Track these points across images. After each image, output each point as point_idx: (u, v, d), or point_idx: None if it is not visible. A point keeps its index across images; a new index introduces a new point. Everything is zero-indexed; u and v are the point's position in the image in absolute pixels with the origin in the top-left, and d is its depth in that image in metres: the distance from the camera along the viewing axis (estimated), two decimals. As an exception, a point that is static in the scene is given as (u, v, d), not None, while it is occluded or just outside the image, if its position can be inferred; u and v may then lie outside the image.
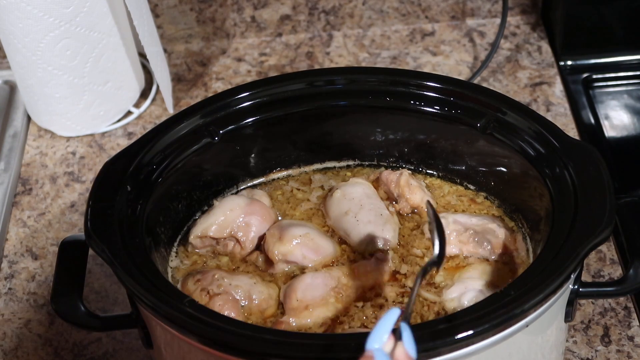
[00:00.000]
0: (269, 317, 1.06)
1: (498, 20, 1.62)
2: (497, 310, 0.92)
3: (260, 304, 1.06)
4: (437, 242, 0.96)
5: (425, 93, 1.16)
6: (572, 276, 0.98)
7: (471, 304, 0.99)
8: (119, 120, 1.51)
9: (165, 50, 1.60)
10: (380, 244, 1.11)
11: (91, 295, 1.26)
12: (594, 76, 1.53)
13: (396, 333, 0.84)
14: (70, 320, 1.03)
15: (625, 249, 1.25)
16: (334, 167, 1.23)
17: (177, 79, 1.57)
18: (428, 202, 1.02)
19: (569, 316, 1.02)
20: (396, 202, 1.16)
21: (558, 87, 1.51)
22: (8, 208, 1.39)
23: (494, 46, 1.53)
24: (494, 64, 1.55)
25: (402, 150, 1.20)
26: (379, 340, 0.82)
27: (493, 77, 1.53)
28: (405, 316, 0.87)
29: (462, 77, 1.53)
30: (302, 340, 0.94)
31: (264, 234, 1.12)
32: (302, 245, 1.10)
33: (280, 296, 1.07)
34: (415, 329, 0.93)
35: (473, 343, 0.91)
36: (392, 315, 0.84)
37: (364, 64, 1.57)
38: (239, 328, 0.93)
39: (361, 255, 1.11)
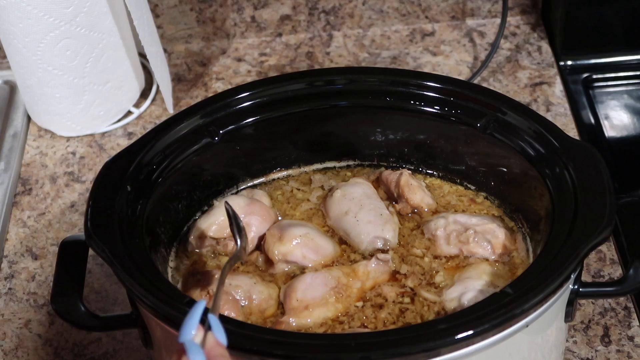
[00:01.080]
0: (269, 317, 1.06)
1: (498, 20, 1.62)
2: (497, 310, 0.92)
3: (260, 304, 1.06)
4: (237, 238, 1.02)
5: (425, 93, 1.16)
6: (572, 276, 0.98)
7: (471, 304, 0.99)
8: (119, 120, 1.51)
9: (165, 50, 1.59)
10: (380, 244, 1.11)
11: (91, 295, 1.26)
12: (594, 76, 1.53)
13: (205, 324, 0.87)
14: (70, 320, 1.03)
15: (625, 249, 1.25)
16: (334, 167, 1.23)
17: (177, 79, 1.57)
18: (226, 202, 1.07)
19: (569, 316, 1.02)
20: (396, 202, 1.16)
21: (558, 87, 1.51)
22: (8, 208, 1.39)
23: (494, 46, 1.53)
24: (494, 64, 1.55)
25: (402, 150, 1.20)
26: (189, 333, 0.85)
27: (493, 77, 1.53)
28: (213, 307, 0.90)
29: (462, 77, 1.53)
30: (302, 340, 0.94)
31: (264, 234, 1.12)
32: (302, 245, 1.10)
33: (280, 296, 1.07)
34: (415, 329, 0.93)
35: (473, 343, 0.91)
36: (198, 308, 0.87)
37: (364, 64, 1.57)
38: (239, 328, 0.93)
39: (361, 255, 1.11)
